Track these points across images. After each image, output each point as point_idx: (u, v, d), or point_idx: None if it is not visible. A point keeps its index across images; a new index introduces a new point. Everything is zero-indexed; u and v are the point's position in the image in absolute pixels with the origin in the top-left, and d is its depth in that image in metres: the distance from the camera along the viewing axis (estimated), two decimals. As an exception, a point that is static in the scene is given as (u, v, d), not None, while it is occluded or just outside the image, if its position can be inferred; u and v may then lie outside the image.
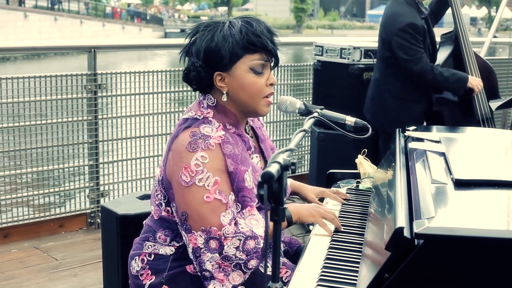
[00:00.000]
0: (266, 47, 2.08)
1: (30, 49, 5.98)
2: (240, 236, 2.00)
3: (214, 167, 2.01)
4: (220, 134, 2.06)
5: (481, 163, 2.21)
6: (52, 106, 4.68)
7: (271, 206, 1.44)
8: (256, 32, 2.06)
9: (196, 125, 2.07)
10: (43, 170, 4.77)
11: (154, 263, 2.19)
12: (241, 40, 2.04)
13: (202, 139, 2.02)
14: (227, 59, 2.06)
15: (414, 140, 2.58)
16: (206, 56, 2.07)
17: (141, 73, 4.98)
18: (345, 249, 2.09)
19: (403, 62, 4.21)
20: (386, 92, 4.38)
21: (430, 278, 1.54)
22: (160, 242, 2.20)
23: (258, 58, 2.08)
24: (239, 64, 2.07)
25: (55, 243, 4.61)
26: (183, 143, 2.03)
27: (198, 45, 2.09)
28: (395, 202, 1.78)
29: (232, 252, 2.00)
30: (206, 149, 2.01)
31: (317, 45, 5.08)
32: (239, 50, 2.05)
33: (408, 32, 4.17)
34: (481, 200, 1.82)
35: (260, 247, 2.02)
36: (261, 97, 2.11)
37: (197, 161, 2.00)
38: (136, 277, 2.22)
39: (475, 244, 1.51)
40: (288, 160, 1.45)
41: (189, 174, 2.00)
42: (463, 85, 4.31)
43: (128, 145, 5.04)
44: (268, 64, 2.12)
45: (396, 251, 1.55)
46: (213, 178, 2.00)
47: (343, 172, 2.97)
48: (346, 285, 1.83)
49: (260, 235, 2.02)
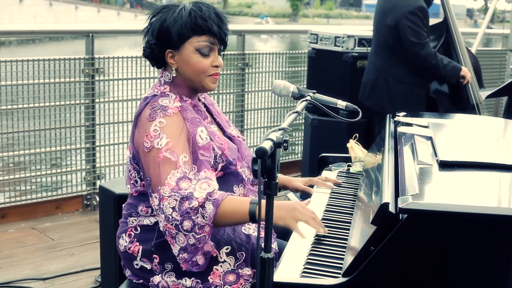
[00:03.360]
0: (211, 30, 2.23)
1: (28, 32, 6.05)
2: (176, 196, 2.04)
3: (171, 130, 2.14)
4: (178, 104, 2.21)
5: (466, 146, 2.30)
6: (50, 89, 4.75)
7: (264, 181, 1.53)
8: (203, 16, 2.22)
9: (155, 99, 2.23)
10: (40, 152, 4.84)
11: (140, 235, 2.27)
12: (188, 22, 2.21)
13: (161, 109, 2.18)
14: (176, 39, 2.22)
15: (403, 125, 2.67)
16: (159, 35, 2.25)
17: (138, 58, 5.05)
18: (335, 227, 2.18)
19: (410, 45, 4.30)
20: (390, 76, 4.47)
21: (412, 251, 1.64)
22: (143, 214, 2.29)
23: (204, 40, 2.24)
24: (187, 44, 2.23)
25: (52, 224, 4.69)
26: (145, 116, 2.18)
27: (154, 25, 2.27)
28: (382, 181, 1.88)
29: (169, 212, 2.04)
30: (164, 116, 2.16)
31: (312, 33, 5.17)
32: (186, 32, 2.22)
33: (418, 15, 4.27)
34: (463, 180, 1.92)
35: (193, 207, 2.01)
36: (206, 75, 2.26)
37: (156, 126, 2.14)
38: (125, 253, 2.30)
39: (455, 219, 1.61)
40: (281, 137, 1.54)
41: (149, 140, 2.14)
42: (457, 74, 4.45)
43: (124, 129, 5.12)
44: (215, 47, 2.27)
45: (382, 225, 1.64)
46: (166, 139, 2.12)
47: (334, 156, 3.06)
48: (335, 259, 1.92)
49: (197, 197, 2.03)
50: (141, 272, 2.26)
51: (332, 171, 2.95)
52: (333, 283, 1.68)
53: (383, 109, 4.47)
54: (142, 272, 2.25)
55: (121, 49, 25.73)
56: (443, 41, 4.58)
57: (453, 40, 4.55)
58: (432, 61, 4.33)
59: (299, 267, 1.89)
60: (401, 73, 4.45)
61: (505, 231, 1.61)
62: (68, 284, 3.76)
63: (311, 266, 1.87)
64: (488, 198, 1.79)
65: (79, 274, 3.88)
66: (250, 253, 2.19)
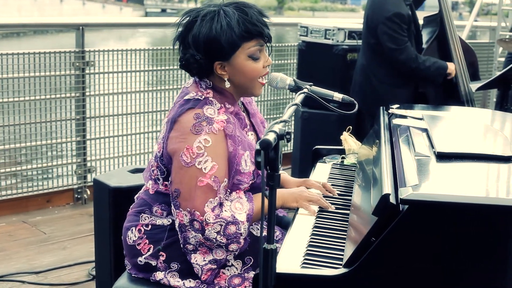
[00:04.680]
0: (263, 34, 2.18)
1: (18, 25, 6.01)
2: (222, 221, 2.09)
3: (215, 151, 2.10)
4: (223, 118, 2.14)
5: (461, 138, 2.33)
6: (40, 82, 4.74)
7: (267, 172, 1.54)
8: (252, 21, 2.14)
9: (199, 106, 2.14)
10: (31, 145, 4.83)
11: (151, 233, 2.26)
12: (238, 30, 2.12)
13: (206, 122, 2.10)
14: (227, 50, 2.14)
15: (397, 117, 2.69)
16: (205, 48, 2.14)
17: (129, 51, 5.05)
18: (332, 219, 2.21)
19: (389, 51, 4.30)
20: (372, 77, 4.48)
21: (413, 242, 1.66)
22: (157, 215, 2.28)
23: (255, 44, 2.17)
24: (238, 53, 2.15)
25: (43, 218, 4.69)
26: (188, 124, 2.11)
27: (195, 36, 2.15)
28: (381, 173, 1.90)
29: (213, 236, 2.10)
30: (210, 133, 2.09)
31: (302, 26, 5.17)
32: (237, 40, 2.13)
33: (394, 21, 4.26)
34: (461, 171, 1.94)
35: (240, 232, 2.12)
36: (257, 78, 2.21)
37: (200, 143, 2.08)
38: (132, 247, 2.28)
39: (456, 210, 1.64)
40: (283, 130, 1.55)
41: (190, 156, 2.08)
42: (443, 73, 4.44)
43: (115, 122, 5.12)
44: (263, 47, 2.22)
45: (382, 216, 1.66)
46: (211, 163, 2.09)
47: (328, 148, 3.07)
48: (335, 250, 1.95)
49: (241, 220, 2.11)
50: (144, 268, 2.26)
51: (326, 163, 2.97)
52: (335, 274, 1.70)
53: (368, 109, 4.49)
54: (145, 267, 2.25)
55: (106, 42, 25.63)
56: (437, 34, 4.59)
57: (447, 33, 4.56)
58: (412, 65, 4.31)
59: (299, 258, 1.91)
60: (383, 74, 4.45)
61: (506, 222, 1.64)
62: (61, 278, 3.76)
63: (311, 257, 1.89)
64: (487, 189, 1.81)
65: (72, 268, 3.88)
66: (258, 258, 2.20)
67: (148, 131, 5.37)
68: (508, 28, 7.65)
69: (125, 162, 5.21)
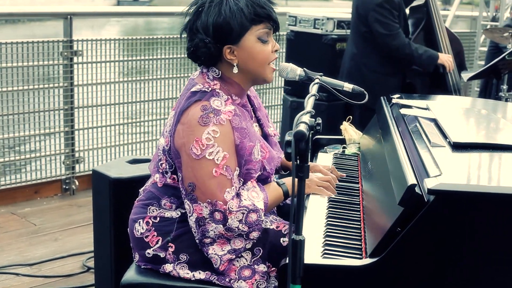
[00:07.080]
0: (271, 17, 2.18)
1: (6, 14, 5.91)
2: (244, 209, 2.10)
3: (224, 141, 2.09)
4: (230, 109, 2.13)
5: (471, 127, 2.35)
6: (28, 72, 4.68)
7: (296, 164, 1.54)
8: (260, 4, 2.15)
9: (206, 98, 2.13)
10: (19, 136, 4.77)
11: (159, 225, 2.24)
12: (248, 12, 2.13)
13: (214, 113, 2.09)
14: (236, 32, 2.14)
15: (401, 107, 2.70)
16: (215, 31, 2.13)
17: (117, 40, 5.00)
18: (345, 209, 2.22)
19: (381, 37, 4.31)
20: (363, 66, 4.48)
21: (439, 232, 1.67)
22: (166, 208, 2.26)
23: (263, 27, 2.17)
24: (247, 35, 2.15)
25: (32, 209, 4.63)
26: (195, 117, 2.09)
27: (204, 21, 2.14)
28: (401, 163, 1.90)
29: (235, 225, 2.10)
30: (218, 124, 2.08)
31: (291, 15, 5.16)
32: (247, 23, 2.13)
33: (385, 7, 4.27)
34: (479, 161, 1.96)
35: (262, 219, 2.13)
36: (268, 63, 2.20)
37: (209, 135, 2.07)
38: (140, 240, 2.26)
39: (483, 199, 1.65)
40: (313, 120, 1.55)
41: (200, 147, 2.07)
42: (434, 62, 4.46)
43: (103, 112, 5.07)
44: (271, 31, 2.22)
45: (409, 207, 1.67)
46: (223, 153, 2.08)
47: (328, 138, 3.08)
48: (353, 240, 1.96)
49: (261, 208, 2.13)
50: (153, 259, 2.24)
51: (328, 153, 2.97)
52: (362, 264, 1.70)
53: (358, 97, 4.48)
54: (154, 259, 2.23)
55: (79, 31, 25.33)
56: (424, 24, 4.61)
57: (433, 23, 4.59)
58: (406, 50, 4.33)
59: (318, 249, 1.91)
60: (374, 63, 4.47)
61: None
62: (55, 269, 3.73)
63: (331, 248, 1.90)
64: (509, 178, 1.82)
65: (65, 259, 3.85)
66: (267, 249, 2.20)
67: (136, 121, 5.33)
68: (489, 17, 7.72)
69: (113, 152, 5.17)
